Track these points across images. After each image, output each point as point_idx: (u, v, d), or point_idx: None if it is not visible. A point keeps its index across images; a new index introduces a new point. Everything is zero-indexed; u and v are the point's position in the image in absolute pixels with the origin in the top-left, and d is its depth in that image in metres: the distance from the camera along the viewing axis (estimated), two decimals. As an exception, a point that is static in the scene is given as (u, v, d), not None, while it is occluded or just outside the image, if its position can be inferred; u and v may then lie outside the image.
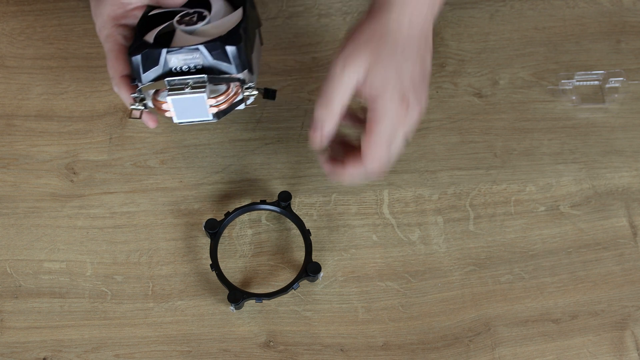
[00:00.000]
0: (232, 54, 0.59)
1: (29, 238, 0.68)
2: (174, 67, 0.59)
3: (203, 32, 0.61)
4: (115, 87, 0.63)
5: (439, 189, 0.71)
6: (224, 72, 0.59)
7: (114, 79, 0.63)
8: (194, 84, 0.59)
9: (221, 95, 0.60)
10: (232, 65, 0.59)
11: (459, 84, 0.76)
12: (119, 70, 0.62)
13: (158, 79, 0.60)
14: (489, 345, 0.64)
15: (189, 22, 0.61)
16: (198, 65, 0.59)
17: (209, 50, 0.58)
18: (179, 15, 0.62)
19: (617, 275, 0.67)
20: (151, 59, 0.59)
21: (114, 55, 0.63)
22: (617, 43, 0.77)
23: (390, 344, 0.64)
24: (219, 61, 0.59)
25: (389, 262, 0.67)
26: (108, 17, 0.63)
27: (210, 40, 0.59)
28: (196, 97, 0.58)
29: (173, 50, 0.59)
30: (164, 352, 0.64)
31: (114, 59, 0.62)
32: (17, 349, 0.64)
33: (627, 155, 0.72)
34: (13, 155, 0.72)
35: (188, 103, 0.59)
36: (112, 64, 0.63)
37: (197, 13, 0.62)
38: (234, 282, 0.66)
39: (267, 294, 0.64)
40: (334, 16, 0.79)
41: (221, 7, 0.63)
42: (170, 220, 0.69)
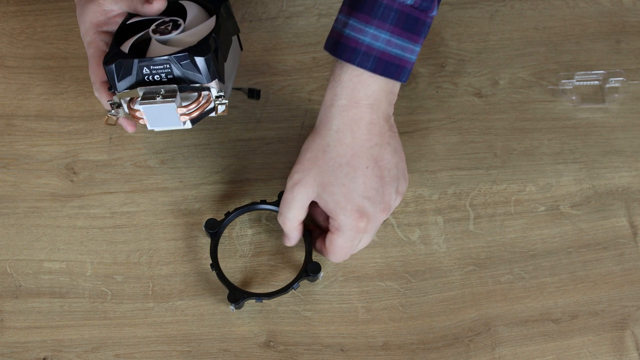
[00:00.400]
0: (201, 65, 0.60)
1: (29, 238, 0.68)
2: (146, 76, 0.61)
3: (176, 42, 0.63)
4: (96, 92, 0.65)
5: (439, 189, 0.71)
6: (194, 81, 0.61)
7: (95, 83, 0.65)
8: (165, 92, 0.61)
9: (192, 103, 0.62)
10: (201, 75, 0.61)
11: (459, 84, 0.76)
12: (99, 76, 0.64)
13: (131, 88, 0.62)
14: (489, 345, 0.64)
15: (164, 31, 0.63)
16: (169, 75, 0.61)
17: (179, 61, 0.60)
18: (154, 24, 0.64)
19: (617, 275, 0.67)
20: (125, 69, 0.61)
21: (95, 62, 0.64)
22: (617, 43, 0.77)
23: (390, 344, 0.64)
24: (188, 71, 0.61)
25: (389, 262, 0.67)
26: (91, 24, 0.65)
27: (179, 51, 0.60)
28: (167, 106, 0.61)
29: (145, 60, 0.60)
30: (164, 352, 0.64)
31: (95, 65, 0.64)
32: (17, 349, 0.64)
33: (627, 155, 0.72)
34: (13, 155, 0.72)
35: (159, 111, 0.61)
36: (93, 69, 0.64)
37: (172, 21, 0.63)
38: (234, 282, 0.66)
39: (267, 294, 0.64)
40: (334, 16, 0.78)
41: (196, 15, 0.64)
42: (170, 220, 0.69)
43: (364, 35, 0.58)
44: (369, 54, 0.58)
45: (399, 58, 0.59)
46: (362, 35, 0.58)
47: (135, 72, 0.61)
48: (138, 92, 0.62)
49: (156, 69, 0.61)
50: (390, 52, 0.58)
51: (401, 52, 0.59)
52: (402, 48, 0.58)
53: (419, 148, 0.72)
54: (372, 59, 0.58)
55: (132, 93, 0.62)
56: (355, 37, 0.58)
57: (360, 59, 0.58)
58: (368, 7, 0.57)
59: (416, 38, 0.59)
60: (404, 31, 0.58)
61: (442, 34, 0.78)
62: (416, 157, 0.72)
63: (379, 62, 0.58)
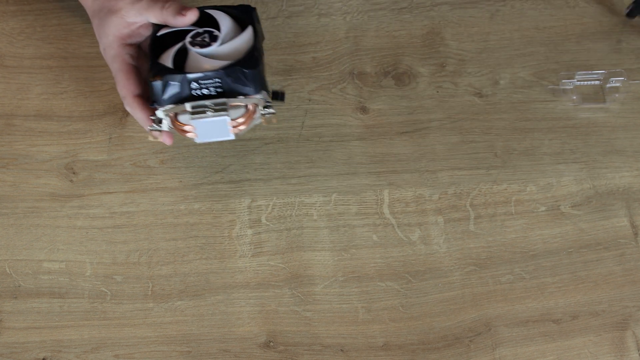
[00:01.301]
0: (250, 77, 0.60)
1: (29, 238, 0.68)
2: (194, 90, 0.61)
3: (218, 55, 0.62)
4: (128, 107, 0.64)
5: (440, 189, 0.70)
6: (242, 93, 0.61)
7: (126, 98, 0.63)
8: (215, 106, 0.60)
9: (242, 116, 0.61)
10: (250, 88, 0.61)
11: (460, 84, 0.75)
12: (131, 90, 0.63)
13: (178, 103, 0.61)
14: (490, 345, 0.64)
15: (202, 43, 0.62)
16: (218, 89, 0.61)
17: (229, 75, 0.60)
18: (189, 35, 0.63)
19: (618, 276, 0.67)
20: (172, 84, 0.60)
21: (124, 76, 0.63)
22: (617, 43, 0.77)
23: (390, 344, 0.64)
24: (238, 84, 0.60)
25: (389, 262, 0.67)
26: (114, 37, 0.64)
27: (230, 65, 0.60)
28: (219, 120, 0.60)
29: (194, 75, 0.60)
30: (163, 353, 0.64)
31: (125, 79, 0.63)
32: (17, 349, 0.64)
33: (628, 155, 0.72)
34: (12, 155, 0.72)
35: (211, 125, 0.61)
36: (123, 84, 0.63)
37: (207, 33, 0.63)
38: (234, 282, 0.66)
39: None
40: (334, 16, 0.79)
41: (230, 26, 0.64)
42: (170, 220, 0.69)
43: None
44: None
45: None
46: None
47: (183, 87, 0.60)
48: (186, 107, 0.61)
49: (205, 83, 0.60)
50: None
51: None
52: None
53: (419, 148, 0.72)
54: None
55: (178, 108, 0.61)
56: None
57: None
58: None
59: None
60: None
61: (442, 33, 0.78)
62: (416, 157, 0.72)
63: None
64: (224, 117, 0.60)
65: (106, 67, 0.75)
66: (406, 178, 0.71)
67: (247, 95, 0.61)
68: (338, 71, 0.76)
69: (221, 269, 0.67)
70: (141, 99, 0.63)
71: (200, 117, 0.60)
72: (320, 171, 0.70)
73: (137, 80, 0.64)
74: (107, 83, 0.75)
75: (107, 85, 0.74)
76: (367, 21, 0.78)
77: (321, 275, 0.67)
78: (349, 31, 0.78)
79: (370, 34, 0.77)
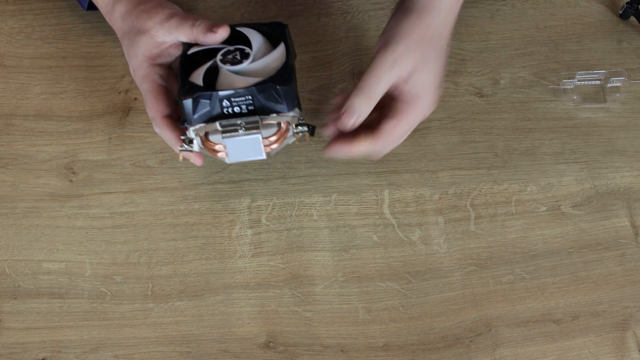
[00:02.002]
0: (284, 94, 0.59)
1: (28, 238, 0.68)
2: (225, 109, 0.59)
3: (250, 72, 0.60)
4: (157, 127, 0.63)
5: (440, 189, 0.70)
6: (275, 111, 0.59)
7: (155, 119, 0.62)
8: (247, 124, 0.59)
9: (274, 135, 0.60)
10: (283, 105, 0.59)
11: (460, 84, 0.75)
12: (160, 111, 0.62)
13: (209, 121, 0.59)
14: (490, 345, 0.64)
15: (234, 60, 0.61)
16: (250, 106, 0.59)
17: (261, 92, 0.58)
18: (220, 53, 0.61)
19: (618, 276, 0.67)
20: (202, 102, 0.59)
21: (153, 96, 0.62)
22: (618, 42, 0.77)
23: (390, 345, 0.64)
24: (270, 102, 0.59)
25: (390, 263, 0.67)
26: (144, 57, 0.63)
27: (262, 82, 0.59)
28: (251, 139, 0.59)
29: (225, 92, 0.58)
30: (163, 353, 0.64)
31: (154, 100, 0.62)
32: (16, 350, 0.64)
33: (629, 155, 0.72)
34: (12, 155, 0.72)
35: (243, 144, 0.59)
36: (152, 104, 0.62)
37: (238, 50, 0.61)
38: (234, 282, 0.66)
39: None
40: (334, 16, 0.78)
41: (261, 43, 0.63)
42: (169, 220, 0.69)
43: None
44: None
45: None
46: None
47: (214, 105, 0.59)
48: (216, 126, 0.59)
49: (237, 100, 0.59)
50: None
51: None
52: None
53: (419, 148, 0.72)
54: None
55: (209, 127, 0.60)
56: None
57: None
58: None
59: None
60: None
61: (442, 33, 0.78)
62: (417, 157, 0.72)
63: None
64: (257, 135, 0.58)
65: (106, 66, 0.75)
66: (406, 178, 0.71)
67: (280, 112, 0.59)
68: (338, 71, 0.75)
69: (221, 269, 0.67)
70: (170, 119, 0.62)
71: (231, 135, 0.58)
72: (320, 171, 0.70)
73: (166, 100, 0.63)
74: (106, 83, 0.74)
75: (107, 85, 0.74)
76: (367, 21, 0.78)
77: (321, 275, 0.67)
78: (349, 31, 0.78)
79: (370, 34, 0.77)
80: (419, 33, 0.60)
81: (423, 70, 0.60)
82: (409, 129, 0.62)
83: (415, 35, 0.60)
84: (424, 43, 0.60)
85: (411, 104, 0.61)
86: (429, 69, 0.61)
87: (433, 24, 0.61)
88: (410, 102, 0.61)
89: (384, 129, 0.61)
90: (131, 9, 0.65)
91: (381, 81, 0.59)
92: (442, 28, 0.62)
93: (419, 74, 0.60)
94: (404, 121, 0.61)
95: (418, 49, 0.60)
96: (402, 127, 0.61)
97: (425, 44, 0.60)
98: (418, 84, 0.60)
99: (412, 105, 0.61)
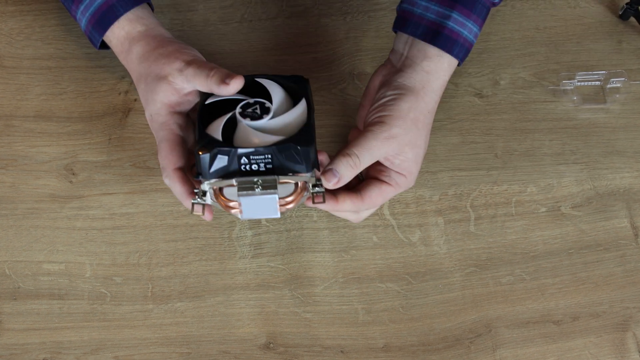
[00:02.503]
0: (304, 155, 0.57)
1: (28, 239, 0.68)
2: (243, 166, 0.58)
3: (270, 129, 0.59)
4: (167, 178, 0.61)
5: (440, 190, 0.70)
6: (294, 171, 0.58)
7: (166, 170, 0.61)
8: (264, 183, 0.57)
9: (290, 195, 0.59)
10: (302, 166, 0.58)
11: (460, 84, 0.75)
12: (172, 162, 0.61)
13: (225, 177, 0.58)
14: (490, 346, 0.64)
15: (254, 115, 0.59)
16: (268, 165, 0.58)
17: (282, 152, 0.57)
18: (240, 106, 0.60)
19: (618, 277, 0.67)
20: (220, 157, 0.57)
21: (168, 146, 0.61)
22: (618, 43, 0.77)
23: (390, 346, 0.64)
24: (290, 162, 0.58)
25: (390, 264, 0.67)
26: (162, 104, 0.62)
27: (283, 141, 0.57)
28: (268, 198, 0.57)
29: (244, 150, 0.57)
30: (163, 354, 0.64)
31: (169, 150, 0.61)
32: (16, 351, 0.64)
33: (629, 156, 0.72)
34: (12, 156, 0.72)
35: (258, 203, 0.58)
36: (165, 154, 0.61)
37: (258, 104, 0.60)
38: (234, 283, 0.66)
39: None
40: (334, 16, 0.78)
41: (282, 98, 0.61)
42: (169, 221, 0.69)
43: (464, 29, 0.63)
44: (463, 46, 0.64)
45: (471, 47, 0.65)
46: (463, 29, 0.63)
47: (232, 162, 0.58)
48: (233, 182, 0.58)
49: (256, 158, 0.57)
50: (472, 43, 0.65)
51: (474, 41, 0.65)
52: (476, 37, 0.65)
53: (419, 149, 0.72)
54: (464, 51, 0.64)
55: (224, 182, 0.58)
56: (458, 31, 0.63)
57: (457, 50, 0.63)
58: (470, 3, 0.63)
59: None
60: (483, 23, 0.65)
61: (442, 34, 0.78)
62: (417, 157, 0.72)
63: (465, 53, 0.64)
64: (274, 195, 0.57)
65: (106, 67, 0.75)
66: (406, 179, 0.71)
67: (299, 173, 0.58)
68: (338, 71, 0.75)
69: (221, 270, 0.67)
70: (182, 172, 0.61)
71: (247, 193, 0.57)
72: (320, 172, 0.70)
73: (181, 152, 0.61)
74: (106, 84, 0.74)
75: (107, 86, 0.74)
76: (367, 21, 0.78)
77: (321, 276, 0.67)
78: (349, 31, 0.77)
79: (370, 35, 0.77)
80: (415, 114, 0.62)
81: (413, 148, 0.62)
82: (389, 198, 0.63)
83: (412, 116, 0.62)
84: (418, 123, 0.62)
85: (399, 177, 0.62)
86: (419, 146, 0.62)
87: (426, 104, 0.63)
88: (398, 175, 0.62)
89: (370, 194, 0.62)
90: (149, 51, 0.64)
91: (372, 154, 0.60)
92: (433, 107, 0.64)
93: (410, 149, 0.62)
94: (388, 191, 0.62)
95: (413, 128, 0.62)
96: (385, 196, 0.62)
97: (419, 125, 0.62)
98: (407, 159, 0.62)
99: (399, 178, 0.62)
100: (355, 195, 0.61)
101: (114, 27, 0.65)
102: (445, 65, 0.63)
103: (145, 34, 0.65)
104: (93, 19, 0.66)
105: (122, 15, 0.65)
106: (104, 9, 0.65)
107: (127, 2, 0.65)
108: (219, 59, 0.76)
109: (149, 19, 0.66)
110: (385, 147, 0.60)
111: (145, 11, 0.67)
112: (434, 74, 0.63)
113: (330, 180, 0.59)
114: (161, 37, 0.65)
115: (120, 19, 0.65)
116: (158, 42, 0.64)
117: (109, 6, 0.65)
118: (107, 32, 0.66)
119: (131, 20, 0.65)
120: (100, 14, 0.65)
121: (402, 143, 0.61)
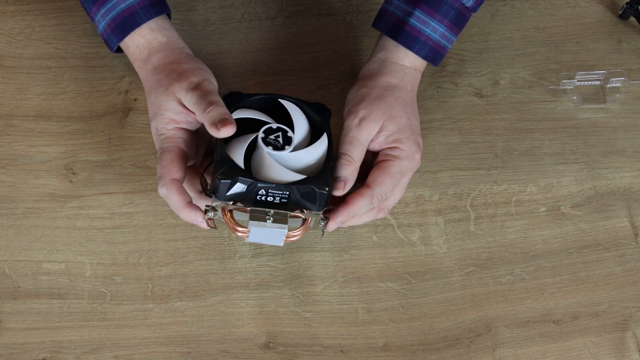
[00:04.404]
0: (320, 197, 0.59)
1: (28, 239, 0.68)
2: (260, 196, 0.59)
3: (291, 163, 0.61)
4: (163, 188, 0.61)
5: (440, 190, 0.70)
6: (307, 208, 0.60)
7: (164, 179, 0.60)
8: (275, 215, 0.59)
9: (298, 229, 0.61)
10: (316, 206, 0.60)
11: (460, 84, 0.75)
12: (171, 172, 0.60)
13: (240, 202, 0.60)
14: (490, 346, 0.64)
15: (276, 144, 0.60)
16: (284, 199, 0.59)
17: (300, 191, 0.59)
18: (262, 130, 0.61)
19: (618, 276, 0.67)
20: (240, 185, 0.58)
21: (170, 157, 0.61)
22: (618, 43, 0.77)
23: (390, 345, 0.64)
24: (306, 200, 0.59)
25: (389, 263, 0.67)
26: (169, 120, 0.62)
27: (302, 182, 0.59)
28: (277, 231, 0.59)
29: (265, 184, 0.58)
30: (163, 354, 0.64)
31: (169, 161, 0.61)
32: (16, 350, 0.64)
33: (629, 156, 0.72)
34: (12, 155, 0.72)
35: (267, 232, 0.60)
36: (165, 164, 0.61)
37: (281, 131, 0.61)
38: (234, 283, 0.66)
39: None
40: (334, 16, 0.78)
41: (304, 128, 0.63)
42: (169, 221, 0.69)
43: (426, 27, 0.65)
44: (426, 44, 0.66)
45: (443, 48, 0.67)
46: (425, 27, 0.65)
47: (249, 190, 0.59)
48: (247, 209, 0.59)
49: (273, 192, 0.59)
50: (440, 44, 0.67)
51: (446, 44, 0.67)
52: (448, 40, 0.67)
53: (419, 148, 0.72)
54: (427, 48, 0.66)
55: (239, 207, 0.60)
56: (419, 28, 0.65)
57: (418, 47, 0.66)
58: (434, 2, 0.65)
59: (458, 32, 0.68)
60: (455, 27, 0.67)
61: (442, 33, 0.78)
62: (416, 157, 0.72)
63: (430, 51, 0.67)
64: (283, 230, 0.59)
65: (106, 67, 0.75)
66: (406, 178, 0.71)
67: (311, 210, 0.60)
68: (338, 71, 0.75)
69: (221, 269, 0.67)
70: (179, 183, 0.61)
71: (258, 223, 0.59)
72: (320, 172, 0.70)
73: (181, 165, 0.61)
74: (106, 83, 0.74)
75: (107, 86, 0.74)
76: (367, 21, 0.78)
77: (321, 275, 0.67)
78: (349, 31, 0.78)
79: (370, 35, 0.77)
80: (377, 92, 0.64)
81: (392, 119, 0.63)
82: (395, 174, 0.63)
83: (374, 94, 0.64)
84: (384, 97, 0.64)
85: (393, 150, 0.63)
86: (397, 116, 0.64)
87: (387, 82, 0.65)
88: (391, 149, 0.63)
89: (373, 177, 0.63)
90: (165, 65, 0.64)
91: (356, 143, 0.63)
92: (397, 83, 0.66)
93: (389, 122, 0.63)
94: (389, 166, 0.63)
95: (380, 103, 0.63)
96: (389, 171, 0.63)
97: (387, 99, 0.64)
98: (391, 132, 0.63)
99: (393, 151, 0.63)
100: (362, 188, 0.62)
101: (134, 34, 0.66)
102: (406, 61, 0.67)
103: (166, 46, 0.66)
104: (113, 23, 0.66)
105: (144, 23, 0.65)
106: (126, 15, 0.65)
107: (149, 11, 0.65)
108: (218, 58, 0.76)
109: (170, 31, 0.67)
110: (363, 130, 0.63)
111: (167, 22, 0.68)
112: (389, 59, 0.67)
113: (338, 188, 0.61)
114: (180, 51, 0.66)
115: (142, 27, 0.65)
116: (175, 57, 0.65)
117: (131, 12, 0.65)
118: (126, 37, 0.66)
119: (153, 29, 0.66)
120: (121, 19, 0.65)
121: (376, 119, 0.63)
